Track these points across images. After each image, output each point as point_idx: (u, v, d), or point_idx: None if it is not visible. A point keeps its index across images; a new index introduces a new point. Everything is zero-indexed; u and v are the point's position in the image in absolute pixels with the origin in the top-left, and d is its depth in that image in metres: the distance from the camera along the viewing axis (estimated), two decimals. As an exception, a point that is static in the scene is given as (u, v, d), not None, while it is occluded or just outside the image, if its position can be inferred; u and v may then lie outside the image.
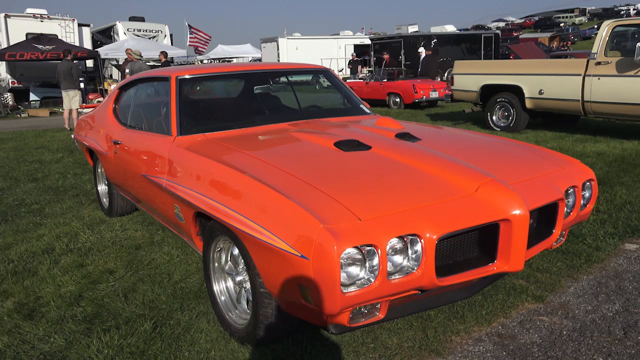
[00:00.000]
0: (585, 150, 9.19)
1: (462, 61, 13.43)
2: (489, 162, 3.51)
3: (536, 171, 3.49)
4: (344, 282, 2.50)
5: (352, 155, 3.53)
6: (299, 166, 3.29)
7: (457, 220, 2.77)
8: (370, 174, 3.17)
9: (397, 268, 2.63)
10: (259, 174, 3.17)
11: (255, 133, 4.34)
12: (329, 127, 4.42)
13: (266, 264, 2.83)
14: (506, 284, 4.07)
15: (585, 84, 10.29)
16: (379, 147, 3.67)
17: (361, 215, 2.64)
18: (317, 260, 2.47)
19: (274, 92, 5.74)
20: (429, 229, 2.65)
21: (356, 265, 2.53)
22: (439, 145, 3.87)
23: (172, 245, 5.17)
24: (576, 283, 4.12)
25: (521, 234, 2.90)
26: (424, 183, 3.06)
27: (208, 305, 3.87)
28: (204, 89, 5.71)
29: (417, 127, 4.54)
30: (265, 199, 2.88)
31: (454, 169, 3.20)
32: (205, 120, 4.74)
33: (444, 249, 2.89)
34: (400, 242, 2.63)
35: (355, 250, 2.50)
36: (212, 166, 3.50)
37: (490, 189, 2.98)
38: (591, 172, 3.70)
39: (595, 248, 4.75)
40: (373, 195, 2.87)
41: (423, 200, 2.85)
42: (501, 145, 4.02)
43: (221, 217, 3.10)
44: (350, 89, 5.65)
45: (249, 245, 2.93)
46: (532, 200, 3.09)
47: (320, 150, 3.67)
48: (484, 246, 3.02)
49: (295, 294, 2.67)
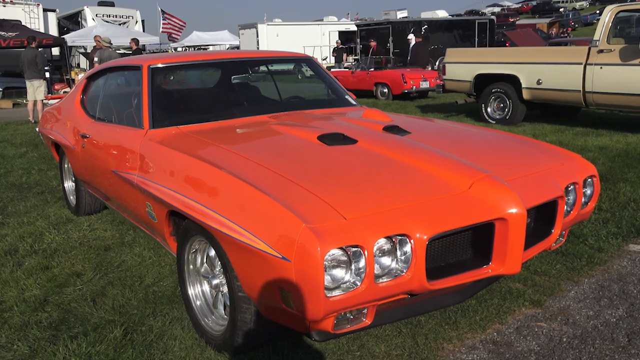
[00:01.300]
0: (586, 145, 9.24)
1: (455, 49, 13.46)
2: (484, 157, 3.51)
3: (534, 167, 3.50)
4: (328, 286, 2.50)
5: (337, 149, 3.52)
6: (280, 161, 3.28)
7: (449, 219, 2.76)
8: (356, 170, 3.16)
9: (385, 270, 2.63)
10: (237, 169, 3.15)
11: (233, 126, 4.32)
12: (312, 120, 4.41)
13: (245, 266, 2.81)
14: (502, 288, 4.08)
15: (586, 73, 10.33)
16: (366, 140, 3.66)
17: (346, 214, 2.63)
18: (299, 262, 2.45)
19: (253, 82, 5.73)
20: (419, 229, 2.65)
21: (341, 268, 2.52)
22: (430, 138, 3.86)
23: (143, 246, 5.15)
24: (577, 287, 4.13)
25: (518, 234, 2.90)
26: (413, 179, 3.06)
27: (182, 311, 3.85)
28: (178, 78, 5.68)
29: (406, 120, 4.55)
30: (243, 196, 2.87)
31: (446, 165, 3.19)
32: (180, 112, 4.73)
33: (435, 250, 2.87)
34: (388, 242, 2.62)
35: (340, 251, 2.49)
36: (187, 161, 3.48)
37: (484, 186, 2.98)
38: (593, 168, 3.72)
39: (598, 249, 4.77)
40: (359, 192, 2.86)
41: (413, 198, 2.84)
42: (496, 139, 4.03)
43: (196, 216, 3.09)
44: (335, 79, 5.66)
45: (226, 246, 2.92)
46: (529, 198, 3.09)
47: (302, 144, 3.66)
48: (478, 247, 3.02)
49: (276, 299, 2.66)
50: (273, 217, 2.64)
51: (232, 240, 2.81)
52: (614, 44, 10.05)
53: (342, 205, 2.70)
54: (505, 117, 11.94)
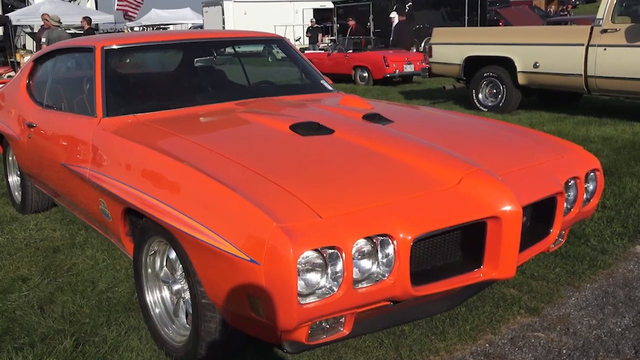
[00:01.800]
0: (588, 135, 9.28)
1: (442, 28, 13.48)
2: (474, 149, 3.51)
3: (530, 159, 3.51)
4: (302, 292, 2.49)
5: (312, 140, 3.52)
6: (248, 153, 3.28)
7: (435, 217, 2.75)
8: (333, 163, 3.17)
9: (364, 275, 2.62)
10: (200, 162, 3.14)
11: (196, 114, 4.32)
12: (284, 107, 4.42)
13: (209, 270, 2.80)
14: (495, 294, 4.08)
15: (588, 55, 10.32)
16: (344, 130, 3.66)
17: (322, 212, 2.62)
18: (269, 266, 2.44)
19: (218, 66, 5.74)
20: (402, 229, 2.63)
21: (316, 272, 2.51)
22: (415, 128, 3.88)
23: (96, 248, 5.12)
24: (578, 293, 4.13)
25: (512, 234, 2.90)
26: (396, 174, 3.05)
27: (140, 319, 3.82)
28: (134, 61, 5.65)
29: (388, 107, 4.57)
30: (207, 192, 2.86)
31: (432, 157, 3.19)
32: (137, 98, 4.71)
33: (421, 252, 2.86)
34: (368, 243, 2.61)
35: (315, 253, 2.48)
36: (145, 153, 3.48)
37: (475, 181, 2.97)
38: (596, 161, 3.73)
39: (601, 251, 4.77)
40: (336, 188, 2.86)
41: (396, 194, 2.83)
42: (488, 129, 4.06)
43: (155, 214, 3.08)
44: (309, 62, 5.67)
45: (188, 247, 2.90)
46: (525, 194, 3.09)
47: (273, 134, 3.66)
48: (468, 249, 3.01)
49: (244, 306, 2.64)
50: (240, 216, 2.63)
51: (194, 241, 2.79)
52: (619, 22, 9.97)
53: (317, 202, 2.68)
54: (499, 104, 11.97)
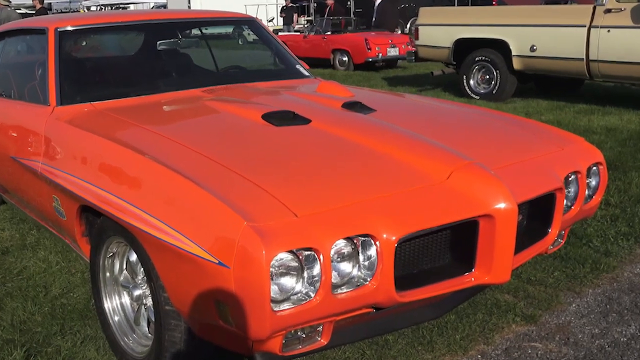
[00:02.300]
0: (591, 125, 9.33)
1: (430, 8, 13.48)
2: (465, 141, 3.52)
3: (526, 152, 3.53)
4: (275, 298, 2.48)
5: (286, 131, 3.53)
6: (216, 146, 3.29)
7: (422, 216, 2.74)
8: (309, 156, 3.18)
9: (344, 279, 2.61)
10: (163, 155, 3.13)
11: (159, 102, 4.32)
12: (256, 95, 4.43)
13: (173, 274, 2.79)
14: (487, 300, 4.08)
15: (590, 38, 10.34)
16: (321, 120, 3.66)
17: (297, 210, 2.61)
18: (239, 269, 2.43)
19: (183, 49, 5.76)
20: (386, 228, 2.62)
21: (291, 275, 2.50)
22: (400, 118, 3.90)
23: (49, 250, 5.10)
24: (579, 299, 4.14)
25: (507, 234, 2.89)
26: (379, 168, 3.06)
27: (97, 328, 3.81)
28: (91, 44, 5.65)
29: (370, 95, 4.59)
30: (171, 188, 2.85)
31: (419, 150, 3.19)
32: (94, 85, 4.72)
33: (406, 254, 2.86)
34: (348, 245, 2.60)
35: (289, 255, 2.47)
36: (103, 145, 3.47)
37: (466, 176, 2.96)
38: (599, 154, 3.76)
39: (604, 253, 4.78)
40: (313, 183, 2.86)
41: (378, 191, 2.83)
42: (481, 119, 4.09)
43: (114, 212, 3.06)
44: (284, 45, 5.69)
45: (150, 249, 2.89)
46: (521, 190, 3.09)
47: (244, 124, 3.66)
48: (458, 250, 3.01)
49: (212, 313, 2.63)
50: (208, 214, 2.62)
51: (157, 242, 2.78)
52: (625, 2, 9.96)
53: (292, 199, 2.67)
54: (492, 91, 12.00)
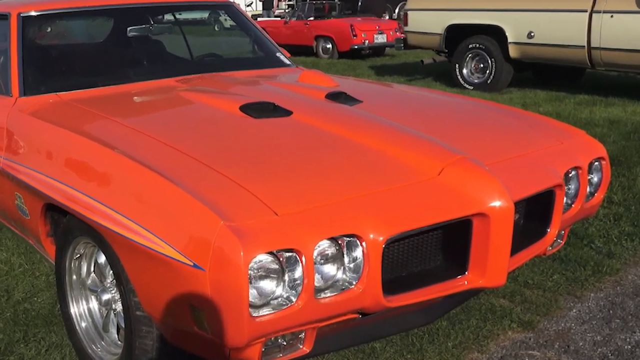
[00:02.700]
0: (592, 117, 9.35)
1: None
2: (457, 134, 3.53)
3: (523, 146, 3.54)
4: (254, 302, 2.47)
5: (266, 123, 3.53)
6: (190, 139, 3.29)
7: (412, 215, 2.74)
8: (291, 151, 3.18)
9: (328, 282, 2.60)
10: (134, 150, 3.12)
11: (130, 93, 4.33)
12: (233, 85, 4.46)
13: (145, 277, 2.78)
14: (482, 305, 4.08)
15: (592, 23, 10.31)
16: (304, 112, 3.67)
17: (278, 208, 2.60)
18: (215, 272, 2.42)
19: (155, 36, 5.74)
20: (373, 228, 2.61)
21: (271, 279, 2.49)
22: (387, 109, 3.93)
23: (12, 251, 5.07)
24: (580, 303, 4.14)
25: (503, 234, 2.89)
26: (365, 163, 3.06)
27: (63, 335, 3.79)
28: (57, 30, 5.63)
29: (356, 85, 4.61)
30: (143, 185, 2.85)
31: (408, 143, 3.19)
32: (60, 74, 4.70)
33: (395, 255, 2.86)
34: (332, 245, 2.60)
35: (269, 257, 2.47)
36: (69, 139, 3.46)
37: (458, 171, 2.96)
38: (601, 148, 3.77)
39: (607, 254, 4.78)
40: (295, 180, 2.86)
41: (365, 188, 2.83)
42: (474, 110, 4.11)
43: (81, 211, 3.05)
44: (263, 31, 5.71)
45: (120, 250, 2.88)
46: (518, 187, 3.09)
47: (220, 116, 3.67)
48: (450, 252, 3.02)
49: (186, 319, 2.62)
50: (181, 213, 2.61)
51: (127, 243, 2.76)
52: None
53: (273, 196, 2.67)
54: (486, 81, 12.01)
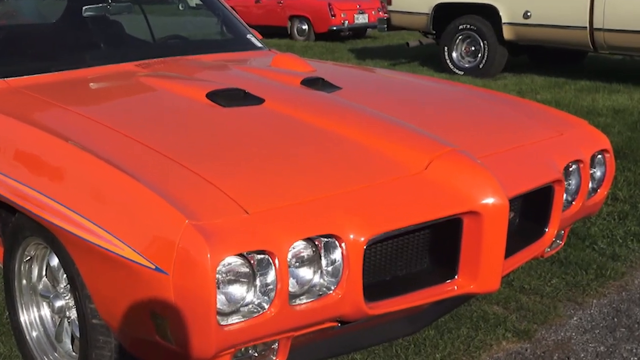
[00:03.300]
0: (595, 106, 9.36)
1: None
2: (446, 124, 3.55)
3: (519, 138, 3.55)
4: (223, 310, 2.46)
5: (235, 112, 3.54)
6: (152, 130, 3.29)
7: (396, 213, 2.73)
8: (263, 142, 3.18)
9: (304, 287, 2.60)
10: (90, 142, 3.09)
11: (85, 79, 4.31)
12: (199, 70, 4.48)
13: (102, 282, 2.77)
14: (473, 313, 4.08)
15: (595, 2, 10.33)
16: (277, 99, 3.67)
17: (249, 205, 2.58)
18: (180, 276, 2.40)
19: (113, 16, 5.68)
20: (353, 228, 2.60)
21: (241, 283, 2.48)
22: (369, 97, 3.95)
23: (-45, 252, 4.98)
24: (581, 311, 4.15)
25: (496, 234, 2.89)
26: (345, 156, 3.07)
27: (12, 345, 3.77)
28: (4, 9, 5.64)
29: (335, 70, 4.62)
30: (100, 181, 2.82)
31: (392, 135, 3.20)
32: (8, 58, 4.64)
33: (377, 258, 2.86)
34: (309, 247, 2.59)
35: (239, 259, 2.45)
36: (19, 130, 3.44)
37: (447, 165, 2.96)
38: (605, 140, 3.78)
39: (611, 256, 4.79)
40: (268, 175, 2.85)
41: (344, 183, 2.83)
42: (465, 98, 4.14)
43: (31, 209, 3.02)
44: (232, 11, 5.72)
45: (74, 252, 2.86)
46: (513, 183, 3.09)
47: (185, 105, 3.67)
48: (439, 254, 3.02)
49: (147, 328, 2.61)
50: (142, 211, 2.60)
51: (83, 244, 2.74)
52: None
53: (243, 193, 2.65)
54: (478, 65, 12.02)
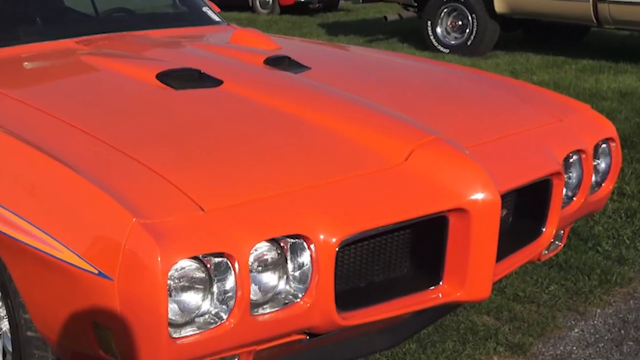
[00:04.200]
0: (599, 88, 9.36)
1: None
2: (430, 109, 3.58)
3: (513, 125, 3.56)
4: (175, 320, 2.44)
5: (190, 95, 3.55)
6: (94, 116, 3.28)
7: (373, 211, 2.73)
8: (221, 130, 3.21)
9: (267, 295, 2.59)
10: (23, 129, 3.08)
11: (18, 57, 4.30)
12: (149, 47, 4.53)
13: (38, 289, 2.76)
14: (460, 324, 4.06)
15: None
16: (237, 81, 3.68)
17: (205, 202, 2.56)
18: (126, 282, 2.38)
19: None
20: (323, 227, 2.60)
21: (196, 290, 2.47)
22: (342, 78, 3.99)
23: None
24: (583, 321, 4.14)
25: (487, 234, 2.89)
26: (314, 146, 3.08)
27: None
28: None
29: (303, 47, 4.63)
30: (34, 173, 2.83)
31: (368, 121, 3.21)
32: None
33: (351, 261, 2.85)
34: (273, 248, 2.59)
35: (194, 263, 2.44)
36: None
37: (431, 156, 2.96)
38: (610, 127, 3.78)
39: (617, 260, 4.78)
40: (226, 167, 2.86)
41: (314, 176, 2.83)
42: (451, 80, 4.14)
43: None
44: None
45: (6, 255, 2.85)
46: (505, 176, 3.09)
47: (132, 87, 3.68)
48: (421, 257, 3.01)
49: (89, 341, 2.59)
50: (84, 208, 2.57)
51: (15, 246, 2.72)
52: None
53: (198, 187, 2.65)
54: (466, 42, 12.04)
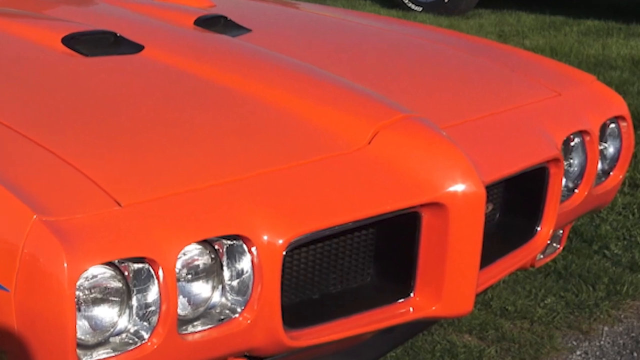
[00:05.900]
0: (606, 54, 9.42)
1: None
2: (399, 81, 3.61)
3: (500, 100, 3.59)
4: (85, 340, 2.46)
5: (103, 64, 3.58)
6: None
7: (328, 206, 2.76)
8: (141, 107, 3.21)
9: (198, 309, 2.61)
10: None
11: None
12: (53, 4, 4.44)
13: None
14: (436, 344, 4.09)
15: None
16: (161, 46, 3.72)
17: (122, 195, 2.55)
18: (25, 293, 2.40)
19: None
20: (267, 226, 2.62)
21: (111, 304, 2.49)
22: (290, 42, 3.99)
23: None
24: (587, 342, 4.17)
25: (468, 234, 2.92)
26: (257, 126, 3.10)
27: None
28: None
29: (242, 5, 4.63)
30: None
31: (322, 95, 3.24)
32: None
33: (302, 268, 2.88)
34: (206, 252, 2.60)
35: (109, 270, 2.45)
36: None
37: (400, 138, 2.99)
38: (621, 102, 3.80)
39: (629, 266, 4.84)
40: (148, 153, 2.86)
41: (256, 164, 2.84)
42: (425, 45, 4.12)
43: None
44: None
45: None
46: (491, 163, 3.13)
47: (32, 53, 3.70)
48: (387, 262, 3.04)
49: None
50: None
51: None
52: None
53: (114, 178, 2.65)
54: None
